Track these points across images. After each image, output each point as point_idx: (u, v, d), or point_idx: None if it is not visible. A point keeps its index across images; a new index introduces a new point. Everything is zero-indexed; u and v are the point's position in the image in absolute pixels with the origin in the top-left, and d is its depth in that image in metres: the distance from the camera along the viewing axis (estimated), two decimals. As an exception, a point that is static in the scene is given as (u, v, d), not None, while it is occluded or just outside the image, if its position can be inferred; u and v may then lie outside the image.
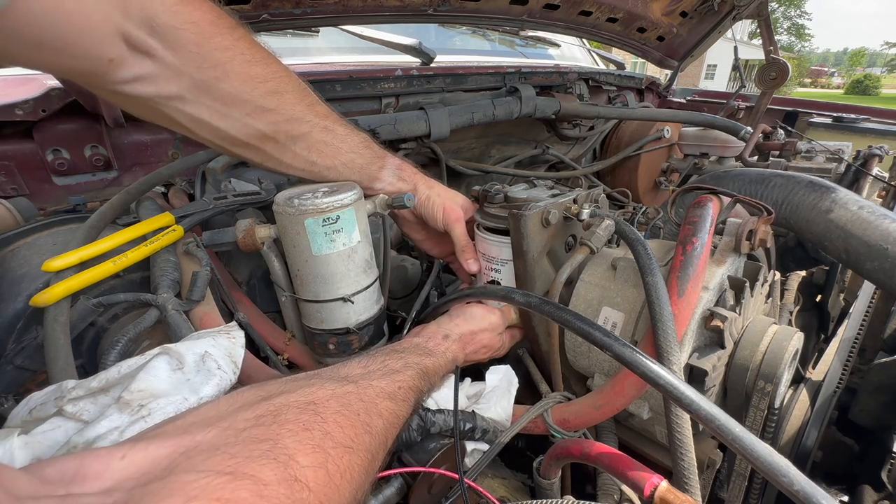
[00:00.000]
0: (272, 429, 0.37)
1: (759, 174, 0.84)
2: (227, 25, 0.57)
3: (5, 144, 0.87)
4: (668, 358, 0.57)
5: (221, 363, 0.51)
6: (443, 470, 0.57)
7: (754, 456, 0.44)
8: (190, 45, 0.53)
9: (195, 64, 0.55)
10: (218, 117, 0.60)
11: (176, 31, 0.52)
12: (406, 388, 0.54)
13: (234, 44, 0.57)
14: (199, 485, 0.29)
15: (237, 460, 0.32)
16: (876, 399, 0.97)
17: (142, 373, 0.46)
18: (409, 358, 0.60)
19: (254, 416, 0.38)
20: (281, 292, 0.78)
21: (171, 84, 0.54)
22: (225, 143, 0.64)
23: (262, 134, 0.64)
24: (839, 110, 2.00)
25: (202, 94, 0.57)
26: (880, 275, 0.70)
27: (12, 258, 0.68)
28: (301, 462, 0.35)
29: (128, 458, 0.32)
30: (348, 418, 0.43)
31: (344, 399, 0.45)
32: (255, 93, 0.60)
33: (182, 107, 0.57)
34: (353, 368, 0.54)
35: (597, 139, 1.92)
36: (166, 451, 0.33)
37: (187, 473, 0.30)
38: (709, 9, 1.71)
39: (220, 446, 0.34)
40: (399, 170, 0.80)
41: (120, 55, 0.49)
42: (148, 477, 0.31)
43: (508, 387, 0.71)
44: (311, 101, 0.68)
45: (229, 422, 0.37)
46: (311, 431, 0.38)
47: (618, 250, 0.79)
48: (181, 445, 0.34)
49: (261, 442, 0.35)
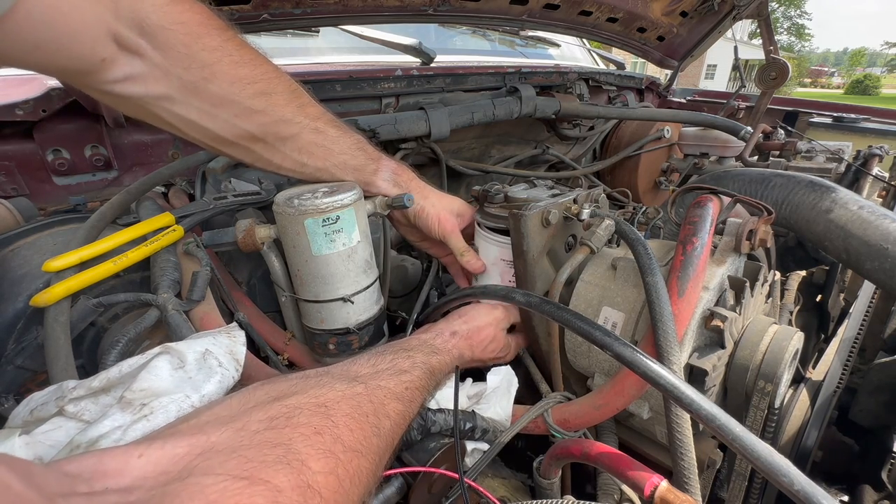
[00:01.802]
0: (285, 432, 0.37)
1: (760, 174, 0.84)
2: (216, 27, 0.57)
3: (5, 144, 0.87)
4: (669, 358, 0.57)
5: (223, 360, 0.51)
6: (443, 469, 0.57)
7: (754, 456, 0.44)
8: (178, 46, 0.54)
9: (183, 64, 0.55)
10: (206, 118, 0.60)
11: (165, 32, 0.52)
12: (413, 389, 0.55)
13: (223, 45, 0.57)
14: (217, 488, 0.30)
15: (253, 464, 0.33)
16: (876, 399, 0.97)
17: (143, 372, 0.46)
18: (416, 357, 0.60)
19: (267, 418, 0.38)
20: (281, 292, 0.78)
21: (159, 84, 0.55)
22: (214, 143, 0.64)
23: (250, 135, 0.64)
24: (839, 110, 2.00)
25: (190, 95, 0.57)
26: (880, 275, 0.70)
27: (12, 258, 0.68)
28: (313, 468, 0.36)
29: (145, 457, 0.33)
30: (358, 421, 0.43)
31: (354, 401, 0.45)
32: (242, 94, 0.60)
33: (171, 107, 0.57)
34: (362, 367, 0.54)
35: (597, 139, 1.92)
36: (182, 451, 0.34)
37: (206, 476, 0.31)
38: (709, 9, 1.71)
39: (235, 449, 0.34)
40: (395, 174, 0.79)
41: (111, 55, 0.50)
42: (166, 477, 0.32)
43: (508, 387, 0.71)
44: (302, 102, 0.67)
45: (243, 422, 0.37)
46: (323, 436, 0.39)
47: (618, 250, 0.79)
48: (197, 445, 0.34)
49: (275, 446, 0.35)
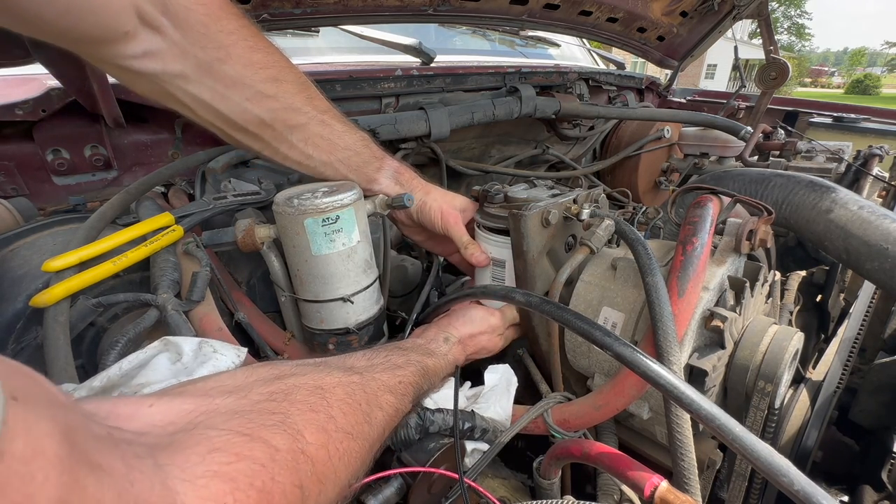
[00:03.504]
0: (283, 405, 0.39)
1: (759, 174, 0.84)
2: (233, 12, 0.60)
3: (5, 144, 0.87)
4: (668, 358, 0.57)
5: (218, 348, 0.52)
6: (442, 470, 0.57)
7: (754, 456, 0.44)
8: (197, 26, 0.56)
9: (200, 44, 0.57)
10: (218, 99, 0.61)
11: (186, 11, 0.55)
12: (406, 384, 0.56)
13: (239, 29, 0.60)
14: (221, 440, 0.32)
15: (254, 425, 0.35)
16: (876, 399, 0.96)
17: (143, 370, 0.46)
18: (411, 355, 0.62)
19: (267, 392, 0.40)
20: (281, 292, 0.78)
21: (176, 62, 0.57)
22: (225, 125, 0.65)
23: (260, 120, 0.65)
24: (839, 110, 2.00)
25: (204, 75, 0.59)
26: (880, 275, 0.70)
27: (12, 258, 0.68)
28: (307, 439, 0.38)
29: (155, 407, 0.34)
30: (351, 406, 0.45)
31: (349, 388, 0.47)
32: (255, 78, 0.62)
33: (185, 85, 0.59)
34: (358, 360, 0.56)
35: (597, 139, 1.92)
36: (189, 408, 0.36)
37: (210, 429, 0.33)
38: (709, 9, 1.71)
39: (238, 411, 0.36)
40: (397, 173, 0.80)
41: (133, 29, 0.52)
42: (173, 427, 0.33)
43: (508, 386, 0.71)
44: (311, 94, 0.69)
45: (245, 392, 0.39)
46: (318, 413, 0.41)
47: (618, 250, 0.79)
48: (202, 405, 0.36)
49: (273, 414, 0.38)
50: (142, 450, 0.29)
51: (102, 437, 0.26)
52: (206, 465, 0.30)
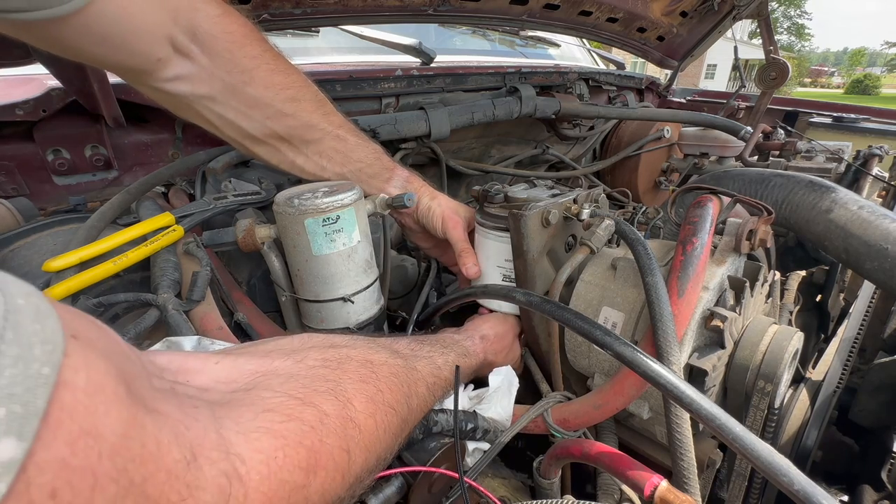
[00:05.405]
0: (336, 373, 0.42)
1: (759, 174, 0.84)
2: (257, 39, 0.65)
3: (5, 144, 0.87)
4: (668, 358, 0.57)
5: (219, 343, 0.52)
6: (443, 469, 0.57)
7: (754, 455, 0.44)
8: (224, 52, 0.61)
9: (226, 68, 0.62)
10: (242, 118, 0.67)
11: (214, 39, 0.60)
12: (441, 382, 0.59)
13: (261, 54, 0.65)
14: (275, 401, 0.35)
15: (307, 390, 0.38)
16: (876, 399, 0.96)
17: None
18: (450, 356, 0.64)
19: (322, 359, 0.43)
20: (281, 292, 0.78)
21: (204, 85, 0.62)
22: (246, 141, 0.71)
23: (278, 135, 0.71)
24: (839, 110, 2.00)
25: (230, 96, 0.65)
26: (880, 275, 0.70)
27: (12, 258, 0.68)
28: (357, 407, 0.40)
29: (220, 365, 0.37)
30: (396, 385, 0.48)
31: (394, 369, 0.50)
32: (275, 98, 0.67)
33: (212, 106, 0.65)
34: (403, 347, 0.58)
35: (597, 139, 1.92)
36: (251, 368, 0.38)
37: (266, 391, 0.35)
38: (709, 9, 1.71)
39: (293, 375, 0.39)
40: (407, 182, 0.85)
41: (166, 55, 0.57)
42: (235, 385, 0.36)
43: (509, 387, 0.71)
44: (327, 111, 0.74)
45: (301, 356, 0.42)
46: (367, 384, 0.44)
47: (618, 250, 0.79)
48: (263, 365, 0.39)
49: (326, 381, 0.40)
50: (201, 403, 0.31)
51: (162, 389, 0.28)
52: (258, 422, 0.32)
